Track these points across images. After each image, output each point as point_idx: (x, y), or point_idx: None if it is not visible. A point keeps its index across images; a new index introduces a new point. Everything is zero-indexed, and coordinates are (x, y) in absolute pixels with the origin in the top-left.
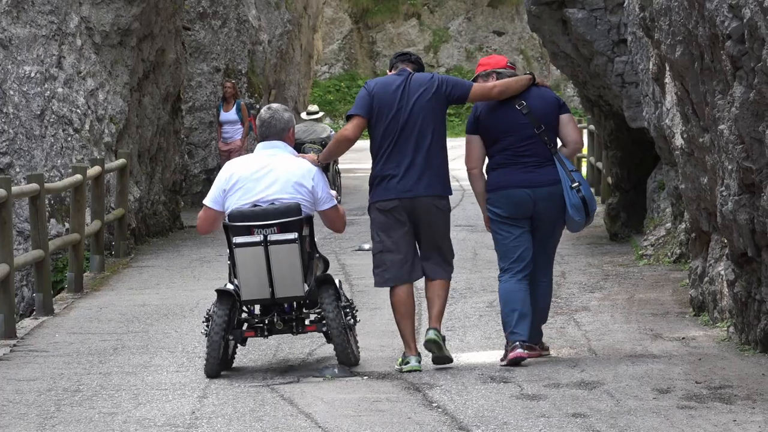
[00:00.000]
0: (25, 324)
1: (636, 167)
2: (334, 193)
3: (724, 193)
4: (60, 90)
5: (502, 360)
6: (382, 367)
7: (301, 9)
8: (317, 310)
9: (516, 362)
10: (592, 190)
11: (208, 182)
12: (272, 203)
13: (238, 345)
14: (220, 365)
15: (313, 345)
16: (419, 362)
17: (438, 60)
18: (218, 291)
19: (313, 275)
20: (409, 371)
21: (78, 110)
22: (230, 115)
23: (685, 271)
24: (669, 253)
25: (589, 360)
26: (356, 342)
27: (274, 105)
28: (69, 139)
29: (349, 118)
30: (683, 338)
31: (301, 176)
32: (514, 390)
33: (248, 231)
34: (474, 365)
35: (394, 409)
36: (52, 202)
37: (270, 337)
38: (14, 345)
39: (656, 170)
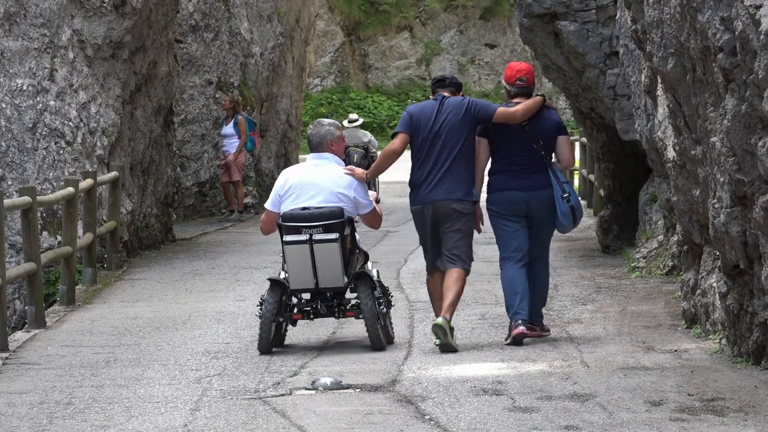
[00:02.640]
0: (17, 337)
1: (628, 179)
2: (374, 194)
3: (716, 206)
4: (52, 103)
5: (506, 339)
6: (374, 380)
7: (293, 22)
8: (355, 299)
9: (518, 340)
10: (584, 202)
11: (201, 195)
12: (319, 207)
13: (290, 325)
14: (271, 343)
15: (305, 357)
16: (445, 319)
17: (430, 73)
18: (270, 280)
19: (353, 268)
20: (436, 330)
21: (70, 123)
22: (228, 129)
23: (677, 284)
24: (661, 266)
25: (581, 372)
26: (391, 323)
27: (322, 120)
28: (61, 152)
29: (394, 135)
30: (675, 350)
31: (343, 187)
32: (506, 402)
33: (297, 231)
34: (466, 377)
35: (386, 422)
36: (44, 214)
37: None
38: (6, 358)
39: (648, 182)
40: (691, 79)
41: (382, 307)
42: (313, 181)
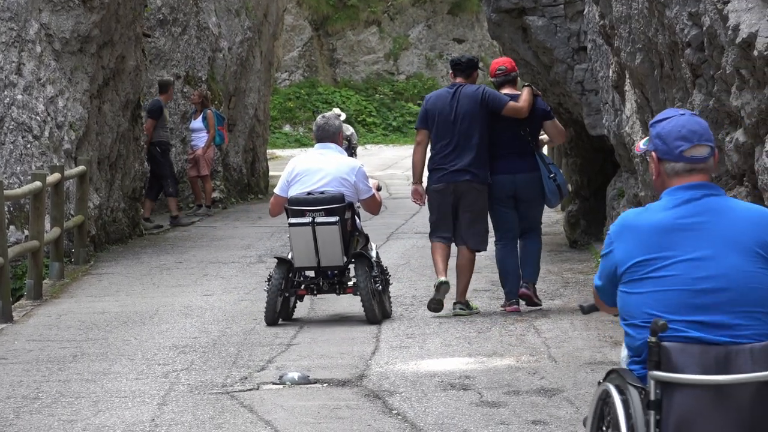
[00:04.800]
0: None
1: (596, 174)
2: (375, 182)
3: None
4: (19, 97)
5: (502, 306)
6: (342, 375)
7: (261, 16)
8: (353, 277)
9: (522, 298)
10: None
11: None
12: (322, 192)
13: (297, 301)
14: (277, 316)
15: (272, 352)
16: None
17: (398, 67)
18: (277, 258)
19: (353, 248)
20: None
21: (37, 117)
22: (196, 123)
23: None
24: None
25: (548, 367)
26: (389, 300)
27: (328, 114)
28: (28, 146)
29: (416, 130)
30: None
31: (345, 173)
32: (473, 397)
33: (302, 214)
34: (434, 372)
35: (353, 417)
36: (11, 209)
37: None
38: None
39: (616, 177)
40: (658, 74)
41: (378, 284)
42: (318, 167)
